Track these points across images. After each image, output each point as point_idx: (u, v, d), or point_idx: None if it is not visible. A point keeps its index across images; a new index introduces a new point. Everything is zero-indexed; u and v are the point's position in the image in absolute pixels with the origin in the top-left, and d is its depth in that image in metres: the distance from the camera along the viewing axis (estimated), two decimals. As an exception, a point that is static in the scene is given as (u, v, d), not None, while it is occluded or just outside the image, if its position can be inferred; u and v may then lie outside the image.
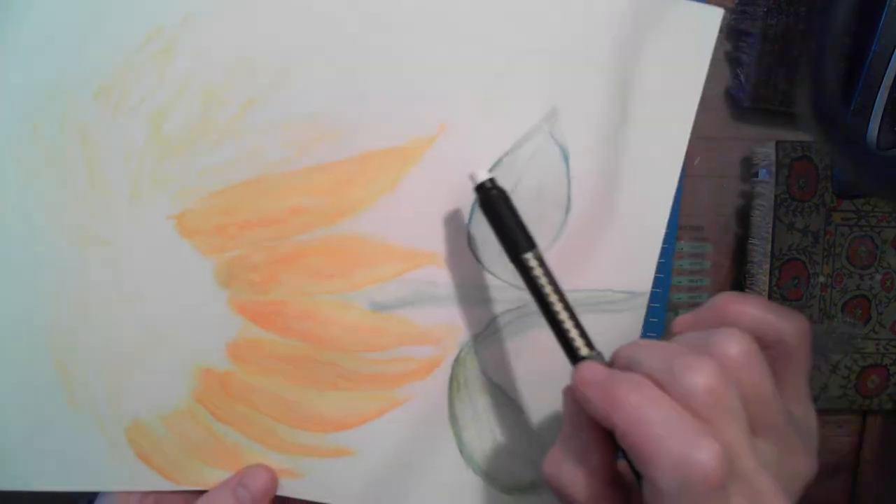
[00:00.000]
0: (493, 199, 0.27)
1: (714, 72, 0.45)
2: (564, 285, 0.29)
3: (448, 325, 0.30)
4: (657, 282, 0.46)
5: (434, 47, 0.28)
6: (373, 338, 0.30)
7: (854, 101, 0.39)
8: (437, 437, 0.31)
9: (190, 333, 0.30)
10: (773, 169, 0.43)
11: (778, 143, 0.44)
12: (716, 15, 0.29)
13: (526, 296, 0.29)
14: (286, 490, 0.31)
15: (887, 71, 0.38)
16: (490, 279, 0.30)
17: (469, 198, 0.29)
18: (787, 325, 0.27)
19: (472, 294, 0.30)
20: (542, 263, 0.27)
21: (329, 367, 0.30)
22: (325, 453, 0.31)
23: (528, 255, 0.27)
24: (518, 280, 0.28)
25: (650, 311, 0.47)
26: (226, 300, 0.29)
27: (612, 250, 0.31)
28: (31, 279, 0.29)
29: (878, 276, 0.45)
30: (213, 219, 0.29)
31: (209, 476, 0.31)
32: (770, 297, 0.44)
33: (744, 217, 0.46)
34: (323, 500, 0.31)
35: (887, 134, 0.39)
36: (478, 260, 0.30)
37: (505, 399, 0.31)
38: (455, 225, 0.29)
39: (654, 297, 0.46)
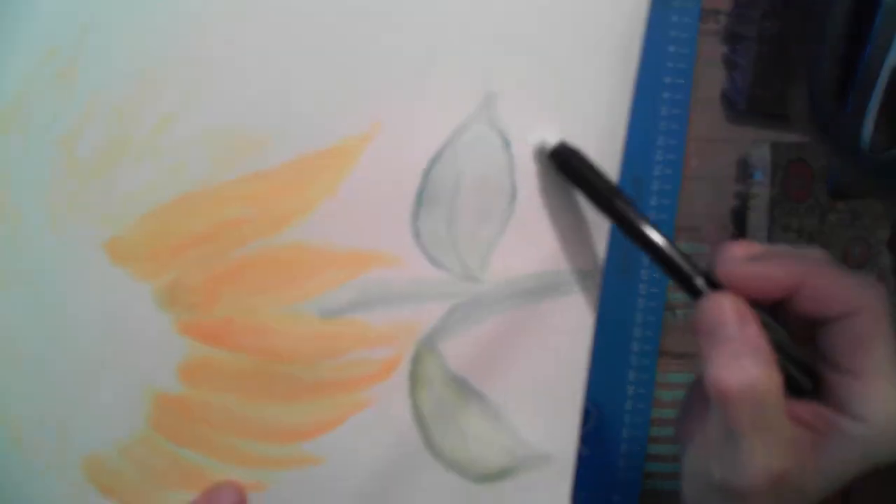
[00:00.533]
0: (573, 161, 0.28)
1: (710, 74, 0.45)
2: (516, 271, 0.30)
3: (403, 323, 0.30)
4: (654, 282, 0.47)
5: (356, 38, 0.27)
6: (327, 345, 0.29)
7: (849, 102, 0.39)
8: (403, 436, 0.30)
9: (136, 361, 0.28)
10: (769, 170, 0.44)
11: (773, 144, 0.44)
12: None
13: (479, 287, 0.29)
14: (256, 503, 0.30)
15: (882, 72, 0.38)
16: (441, 273, 0.29)
17: (413, 192, 0.28)
18: (864, 290, 0.26)
19: (425, 290, 0.30)
20: (631, 205, 0.28)
21: (286, 379, 0.29)
22: (291, 463, 0.30)
23: (619, 202, 0.28)
24: (470, 272, 0.29)
25: (648, 311, 0.47)
26: (170, 323, 0.28)
27: (559, 231, 0.30)
28: None
29: (873, 277, 0.46)
30: (143, 244, 0.27)
31: (178, 501, 0.30)
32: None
33: (740, 218, 0.46)
34: None
35: (882, 135, 0.39)
36: (427, 255, 0.29)
37: (468, 390, 0.31)
38: (401, 222, 0.29)
39: (651, 296, 0.47)
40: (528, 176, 0.29)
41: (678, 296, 0.47)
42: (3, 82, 0.26)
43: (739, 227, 0.46)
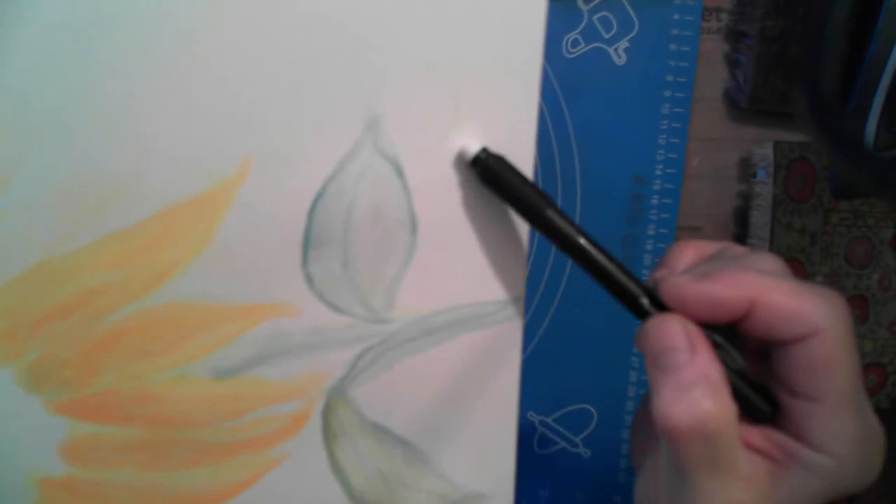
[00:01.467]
0: (496, 168, 0.25)
1: (712, 73, 0.45)
2: (425, 308, 0.27)
3: (309, 374, 0.28)
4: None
5: (214, 64, 0.24)
6: (226, 406, 0.27)
7: (852, 102, 0.39)
8: (323, 490, 0.29)
9: (10, 448, 0.26)
10: (771, 170, 0.44)
11: (776, 143, 0.44)
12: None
13: (387, 328, 0.27)
14: None
15: (885, 72, 0.38)
16: (344, 318, 0.27)
17: (299, 234, 0.26)
18: (822, 309, 0.24)
19: (328, 337, 0.27)
20: (565, 216, 0.25)
21: (186, 445, 0.27)
22: None
23: (551, 213, 0.25)
24: (375, 313, 0.27)
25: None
26: (41, 405, 0.26)
27: (472, 259, 0.27)
28: None
29: (876, 276, 0.46)
30: None
31: None
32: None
33: (742, 218, 0.46)
34: None
35: (885, 135, 0.39)
36: (325, 301, 0.27)
37: (387, 435, 0.29)
38: (290, 268, 0.26)
39: (652, 297, 0.47)
40: (429, 203, 0.26)
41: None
42: None
43: (741, 227, 0.46)
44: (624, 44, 0.44)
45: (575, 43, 0.44)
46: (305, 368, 0.27)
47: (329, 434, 0.28)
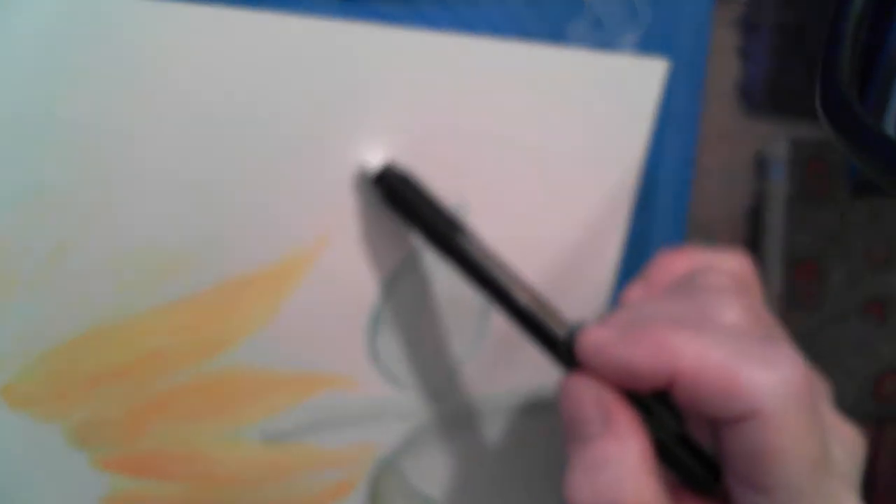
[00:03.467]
0: (400, 187, 0.23)
1: (724, 66, 0.44)
2: (492, 390, 0.27)
3: (362, 443, 0.28)
4: (665, 283, 0.46)
5: (296, 140, 0.23)
6: (274, 469, 0.27)
7: (870, 95, 0.38)
8: None
9: (54, 500, 0.26)
10: (787, 167, 0.43)
11: (791, 140, 0.43)
12: (659, 68, 0.25)
13: (444, 406, 0.27)
14: None
15: (905, 64, 0.37)
16: (402, 393, 0.27)
17: (367, 310, 0.26)
18: (762, 384, 0.20)
19: (386, 410, 0.27)
20: (478, 245, 0.23)
21: (228, 503, 0.27)
22: None
23: (462, 239, 0.23)
24: (434, 391, 0.26)
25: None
26: (86, 461, 0.26)
27: (535, 355, 0.26)
28: None
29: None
30: (46, 385, 0.25)
31: None
32: (783, 299, 0.43)
33: (755, 216, 0.45)
34: None
35: (905, 130, 0.38)
36: (386, 375, 0.27)
37: None
38: (354, 342, 0.26)
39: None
40: None
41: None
42: None
43: (755, 226, 0.45)
44: (632, 37, 0.43)
45: (580, 35, 0.43)
46: (359, 438, 0.27)
47: (375, 502, 0.28)
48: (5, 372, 0.24)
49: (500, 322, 0.26)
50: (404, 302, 0.26)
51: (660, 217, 0.45)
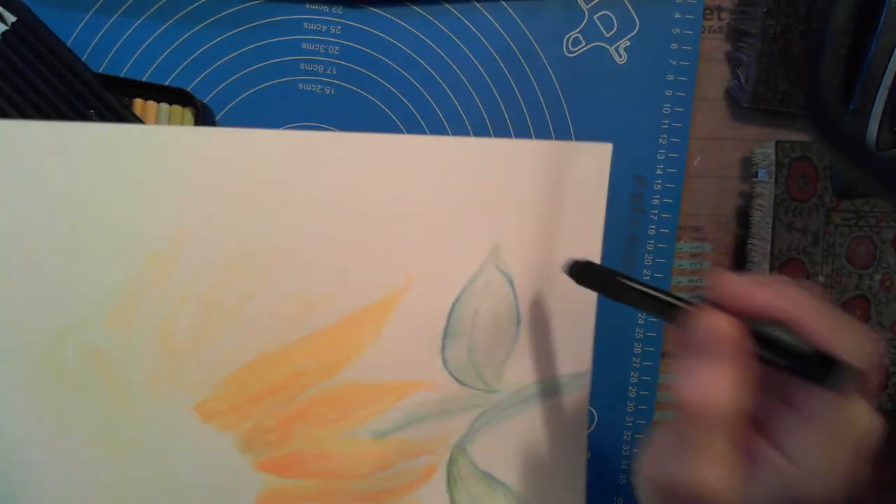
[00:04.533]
0: (585, 273, 0.33)
1: (714, 72, 0.45)
2: (523, 380, 0.36)
3: (439, 434, 0.35)
4: (657, 282, 0.47)
5: (393, 211, 0.34)
6: (378, 461, 0.35)
7: (854, 101, 0.39)
8: None
9: (224, 499, 0.34)
10: (773, 169, 0.43)
11: (777, 143, 0.44)
12: (605, 150, 0.36)
13: (497, 396, 0.36)
14: None
15: (887, 71, 0.38)
16: (467, 390, 0.36)
17: (440, 329, 0.35)
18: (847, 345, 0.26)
19: (455, 405, 0.35)
20: (643, 285, 0.31)
21: (349, 494, 0.35)
22: None
23: (637, 290, 0.30)
24: (488, 386, 0.35)
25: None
26: (248, 463, 0.34)
27: (555, 344, 0.36)
28: (82, 492, 0.32)
29: (878, 277, 0.45)
30: (227, 401, 0.33)
31: None
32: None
33: (743, 217, 0.46)
34: None
35: (887, 134, 0.39)
36: (454, 378, 0.35)
37: (495, 482, 0.36)
38: (432, 354, 0.35)
39: (653, 297, 0.47)
40: (528, 305, 0.36)
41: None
42: (113, 287, 0.31)
43: (743, 227, 0.46)
44: (625, 43, 0.44)
45: (576, 42, 0.44)
46: (437, 429, 0.35)
47: (451, 482, 0.36)
48: (201, 393, 0.32)
49: (526, 327, 0.36)
50: (463, 321, 0.35)
51: (651, 218, 0.46)
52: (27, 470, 0.32)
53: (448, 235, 0.34)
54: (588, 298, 0.36)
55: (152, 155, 0.31)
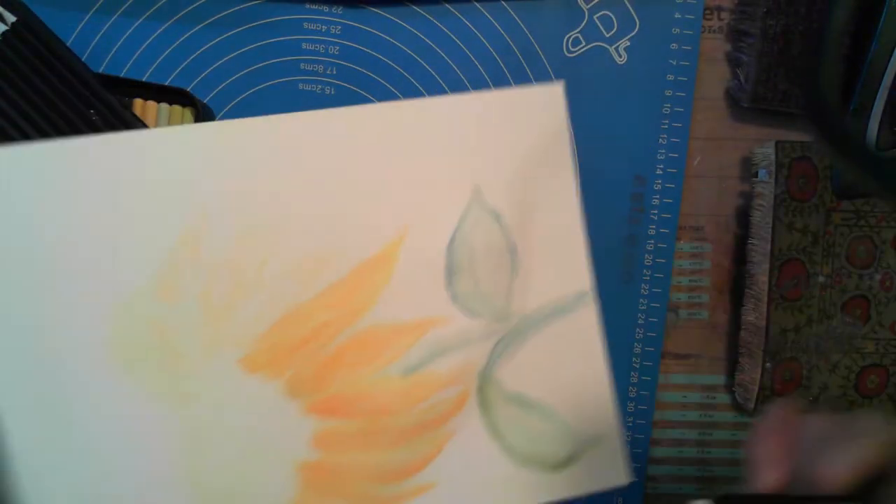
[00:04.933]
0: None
1: (714, 72, 0.45)
2: (530, 306, 0.39)
3: (463, 365, 0.39)
4: (657, 282, 0.47)
5: (384, 172, 0.39)
6: (412, 396, 0.39)
7: (854, 101, 0.39)
8: (485, 449, 0.39)
9: (280, 442, 0.38)
10: (773, 169, 0.43)
11: (778, 143, 0.44)
12: (557, 91, 0.40)
13: (509, 323, 0.39)
14: None
15: (887, 71, 0.38)
16: (480, 320, 0.39)
17: (442, 268, 0.39)
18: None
19: (471, 336, 0.39)
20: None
21: (389, 430, 0.39)
22: (412, 494, 0.39)
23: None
24: (498, 314, 0.39)
25: (650, 311, 0.47)
26: (297, 408, 0.38)
27: (552, 268, 0.40)
28: (156, 441, 0.38)
29: (878, 276, 0.46)
30: (267, 354, 0.38)
31: None
32: (769, 297, 0.44)
33: (743, 217, 0.46)
34: None
35: (887, 134, 0.39)
36: (466, 310, 0.39)
37: (525, 402, 0.40)
38: (440, 291, 0.39)
39: (653, 297, 0.47)
40: (518, 236, 0.40)
41: (681, 296, 0.47)
42: (153, 263, 0.37)
43: (743, 227, 0.46)
44: (625, 43, 0.44)
45: (576, 42, 0.44)
46: (461, 360, 0.39)
47: (484, 407, 0.39)
48: (244, 348, 0.38)
49: (522, 255, 0.40)
50: (462, 258, 0.39)
51: (651, 218, 0.46)
52: (110, 423, 0.38)
53: (434, 185, 0.39)
54: (573, 222, 0.40)
55: (176, 154, 0.38)
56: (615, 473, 0.40)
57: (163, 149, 0.38)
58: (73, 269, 0.37)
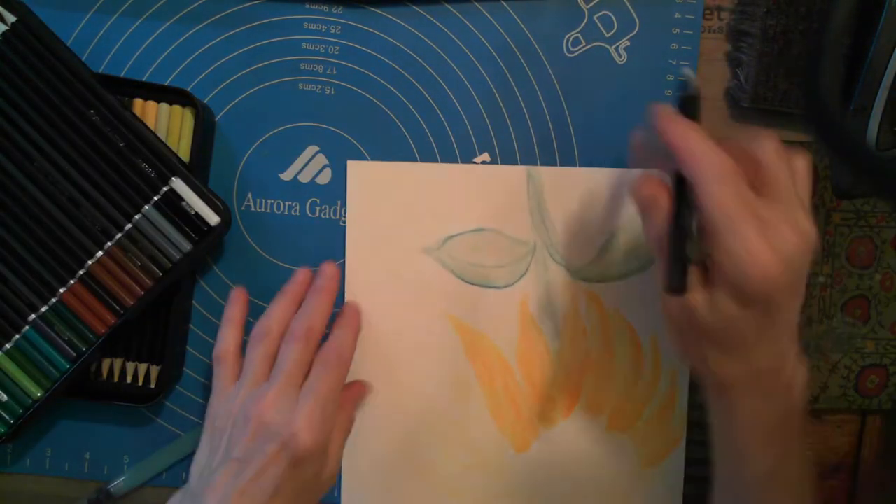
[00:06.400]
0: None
1: (714, 72, 0.45)
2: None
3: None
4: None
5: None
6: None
7: (854, 101, 0.39)
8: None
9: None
10: (773, 169, 0.43)
11: (778, 143, 0.43)
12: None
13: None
14: None
15: (887, 71, 0.38)
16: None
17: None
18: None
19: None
20: None
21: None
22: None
23: None
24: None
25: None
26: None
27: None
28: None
29: (878, 276, 0.45)
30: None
31: None
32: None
33: (743, 217, 0.46)
34: None
35: (887, 134, 0.39)
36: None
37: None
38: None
39: (653, 297, 0.47)
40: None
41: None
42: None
43: (743, 227, 0.46)
44: (625, 43, 0.44)
45: (576, 42, 0.44)
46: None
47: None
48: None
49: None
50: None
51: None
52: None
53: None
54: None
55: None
56: None
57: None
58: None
